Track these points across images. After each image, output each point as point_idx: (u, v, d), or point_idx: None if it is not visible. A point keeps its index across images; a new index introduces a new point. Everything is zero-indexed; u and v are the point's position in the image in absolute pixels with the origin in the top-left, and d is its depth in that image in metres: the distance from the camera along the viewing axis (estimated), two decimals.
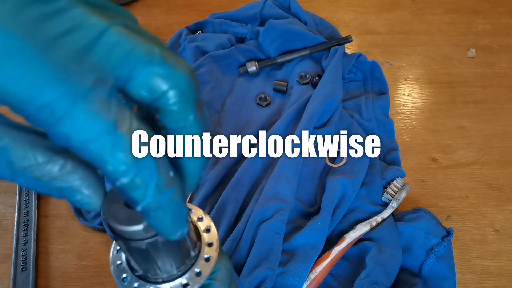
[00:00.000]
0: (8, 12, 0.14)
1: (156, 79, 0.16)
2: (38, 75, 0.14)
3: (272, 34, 0.61)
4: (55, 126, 0.15)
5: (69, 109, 0.14)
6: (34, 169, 0.16)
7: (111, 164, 0.15)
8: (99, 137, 0.15)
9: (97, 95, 0.15)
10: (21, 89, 0.14)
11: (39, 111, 0.14)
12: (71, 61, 0.15)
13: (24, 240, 0.47)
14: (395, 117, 0.58)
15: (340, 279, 0.44)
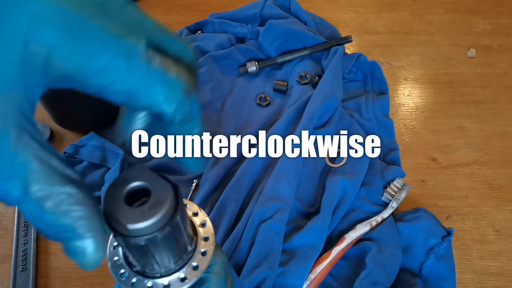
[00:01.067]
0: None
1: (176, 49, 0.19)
2: (89, 39, 0.15)
3: (272, 34, 0.61)
4: (117, 85, 0.16)
5: (124, 67, 0.16)
6: (43, 193, 0.15)
7: (174, 102, 0.18)
8: (157, 84, 0.17)
9: (141, 48, 0.17)
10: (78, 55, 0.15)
11: (98, 75, 0.16)
12: (112, 25, 0.16)
13: (24, 240, 0.47)
14: (395, 117, 0.58)
15: (340, 279, 0.44)
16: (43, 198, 0.15)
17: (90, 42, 0.15)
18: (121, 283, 0.22)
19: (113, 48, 0.16)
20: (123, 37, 0.16)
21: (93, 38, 0.15)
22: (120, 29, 0.16)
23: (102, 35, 0.16)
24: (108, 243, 0.23)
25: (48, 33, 0.15)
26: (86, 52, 0.15)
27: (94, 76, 0.16)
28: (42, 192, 0.15)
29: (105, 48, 0.16)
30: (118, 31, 0.16)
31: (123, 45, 0.16)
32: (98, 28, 0.16)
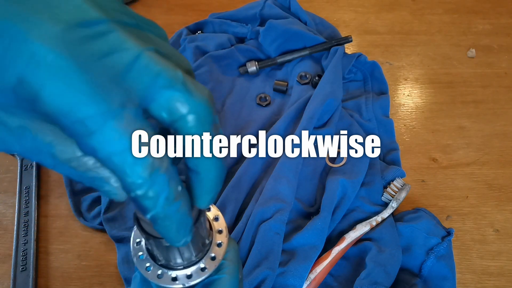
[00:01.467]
0: (58, 33, 0.16)
1: (175, 103, 0.18)
2: (78, 92, 0.16)
3: (272, 34, 0.61)
4: (85, 139, 0.16)
5: (100, 126, 0.16)
6: (72, 161, 0.19)
7: (130, 177, 0.17)
8: (123, 153, 0.17)
9: (126, 114, 0.17)
10: (61, 104, 0.16)
11: (74, 124, 0.16)
12: (107, 81, 0.17)
13: (24, 240, 0.47)
14: (395, 117, 0.58)
15: (340, 279, 0.44)
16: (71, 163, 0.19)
17: (74, 95, 0.16)
18: (147, 276, 0.24)
19: (95, 106, 0.16)
20: (110, 98, 0.16)
21: (78, 91, 0.16)
22: (114, 89, 0.17)
23: (88, 91, 0.16)
24: (131, 240, 0.26)
25: (38, 76, 0.16)
26: (67, 103, 0.16)
27: (70, 124, 0.16)
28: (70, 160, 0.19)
29: (87, 104, 0.16)
30: (109, 90, 0.16)
31: (106, 106, 0.16)
32: (86, 82, 0.16)
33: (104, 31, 0.17)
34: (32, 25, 0.16)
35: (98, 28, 0.17)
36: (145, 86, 0.17)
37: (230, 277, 0.25)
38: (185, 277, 0.24)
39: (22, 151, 0.19)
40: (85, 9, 0.17)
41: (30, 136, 0.18)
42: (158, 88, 0.17)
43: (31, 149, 0.19)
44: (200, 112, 0.18)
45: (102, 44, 0.17)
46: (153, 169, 0.18)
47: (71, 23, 0.16)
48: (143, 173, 0.17)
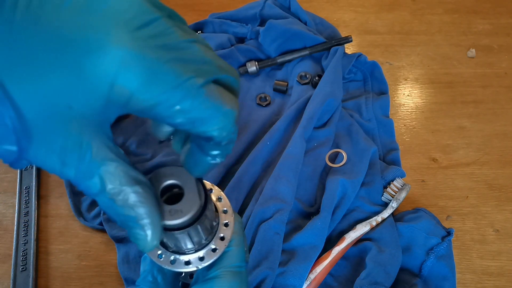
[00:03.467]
0: (133, 36, 0.18)
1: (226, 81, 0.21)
2: (167, 83, 0.18)
3: (272, 34, 0.61)
4: (182, 118, 0.19)
5: (190, 104, 0.19)
6: (116, 190, 0.20)
7: (225, 130, 0.21)
8: (215, 116, 0.20)
9: (204, 87, 0.20)
10: (155, 96, 0.18)
11: (168, 110, 0.19)
12: (180, 66, 0.19)
13: (24, 240, 0.47)
14: (395, 117, 0.58)
15: (340, 279, 0.44)
16: (115, 194, 0.20)
17: (164, 86, 0.18)
18: (160, 263, 0.25)
19: (182, 90, 0.19)
20: (190, 79, 0.19)
21: (166, 82, 0.18)
22: (188, 71, 0.19)
23: (174, 79, 0.19)
24: None
25: (131, 79, 0.18)
26: (160, 94, 0.18)
27: (164, 111, 0.19)
28: (115, 190, 0.20)
29: (176, 90, 0.19)
30: (186, 73, 0.19)
31: (190, 86, 0.19)
32: (171, 72, 0.19)
33: (162, 28, 0.19)
34: (106, 34, 0.18)
35: (157, 26, 0.19)
36: (204, 70, 0.20)
37: (238, 248, 0.27)
38: (198, 259, 0.25)
39: (75, 175, 0.19)
40: (144, 10, 0.19)
41: (90, 156, 0.19)
42: (214, 71, 0.20)
43: (85, 171, 0.19)
44: (237, 92, 0.22)
45: (165, 39, 0.19)
46: (237, 119, 0.22)
47: (137, 24, 0.18)
48: (233, 125, 0.21)
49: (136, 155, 0.53)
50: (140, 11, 0.19)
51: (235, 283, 0.26)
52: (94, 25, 0.18)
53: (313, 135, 0.53)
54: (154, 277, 0.27)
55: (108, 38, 0.17)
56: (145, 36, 0.18)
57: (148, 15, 0.19)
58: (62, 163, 0.19)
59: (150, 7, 0.19)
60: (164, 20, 0.19)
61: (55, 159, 0.19)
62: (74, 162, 0.19)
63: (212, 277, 0.26)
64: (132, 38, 0.18)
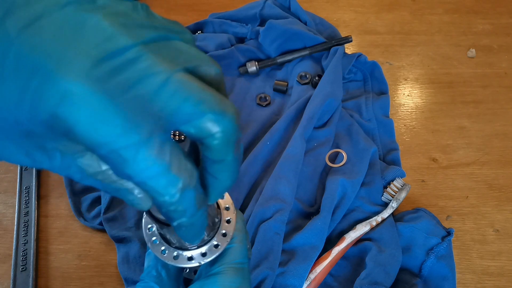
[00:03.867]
0: (88, 69, 0.16)
1: (207, 123, 0.18)
2: (111, 125, 0.17)
3: (272, 34, 0.61)
4: (120, 167, 0.17)
5: (133, 155, 0.17)
6: (98, 174, 0.20)
7: (163, 197, 0.18)
8: (156, 177, 0.18)
9: (156, 141, 0.17)
10: (95, 137, 0.17)
11: (108, 154, 0.17)
12: (137, 110, 0.17)
13: (24, 240, 0.47)
14: (395, 117, 0.58)
15: (340, 279, 0.44)
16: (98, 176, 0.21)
17: (108, 128, 0.17)
18: (164, 258, 0.26)
19: (128, 137, 0.17)
20: (141, 128, 0.17)
21: (112, 125, 0.17)
22: (145, 118, 0.17)
23: (121, 123, 0.17)
24: (143, 227, 0.27)
25: (71, 113, 0.16)
26: (102, 136, 0.17)
27: (104, 154, 0.17)
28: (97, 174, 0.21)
29: (120, 136, 0.17)
30: (140, 120, 0.17)
31: (138, 136, 0.17)
32: (119, 115, 0.17)
33: (132, 57, 0.17)
34: (63, 61, 0.16)
35: (127, 56, 0.17)
36: (174, 110, 0.18)
37: (240, 244, 0.27)
38: (200, 255, 0.26)
39: (51, 168, 0.20)
40: (113, 37, 0.17)
41: (59, 155, 0.20)
42: (187, 111, 0.18)
43: (60, 166, 0.20)
44: (228, 131, 0.19)
45: (131, 73, 0.17)
46: (184, 189, 0.19)
47: (101, 56, 0.17)
48: (176, 193, 0.19)
49: None
50: (108, 37, 0.17)
51: (237, 279, 0.26)
52: (54, 51, 0.17)
53: (313, 135, 0.53)
54: (158, 272, 0.27)
55: (61, 66, 0.16)
56: (106, 69, 0.17)
57: (116, 41, 0.17)
58: (32, 161, 0.20)
59: (123, 32, 0.17)
60: (140, 48, 0.17)
61: (24, 158, 0.20)
62: (46, 161, 0.20)
63: (215, 273, 0.26)
64: (88, 69, 0.16)
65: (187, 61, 0.19)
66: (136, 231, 0.47)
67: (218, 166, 0.20)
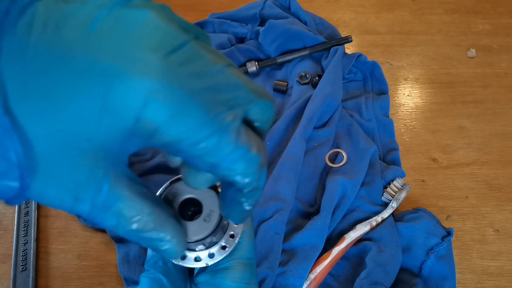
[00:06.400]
0: (158, 65, 0.16)
1: (261, 111, 0.20)
2: (193, 118, 0.17)
3: (272, 34, 0.61)
4: (205, 157, 0.18)
5: (216, 144, 0.18)
6: (136, 218, 0.19)
7: (248, 176, 0.19)
8: (239, 160, 0.19)
9: (233, 126, 0.18)
10: (179, 132, 0.17)
11: (192, 147, 0.17)
12: (210, 100, 0.17)
13: (24, 240, 0.47)
14: (395, 117, 0.58)
15: (340, 279, 0.44)
16: (135, 222, 0.19)
17: (191, 121, 0.17)
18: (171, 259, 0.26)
19: (210, 127, 0.17)
20: (219, 116, 0.18)
21: (194, 117, 0.17)
22: (219, 105, 0.18)
23: (202, 114, 0.17)
24: None
25: (158, 113, 0.16)
26: (186, 130, 0.17)
27: (188, 148, 0.17)
28: (135, 218, 0.19)
29: (203, 126, 0.17)
30: (217, 107, 0.18)
31: (218, 124, 0.17)
32: (201, 107, 0.17)
33: (192, 52, 0.17)
34: (133, 62, 0.16)
35: (188, 50, 0.17)
36: (239, 99, 0.19)
37: (249, 240, 0.27)
38: (208, 256, 0.26)
39: (92, 207, 0.18)
40: (171, 33, 0.17)
41: (107, 187, 0.18)
42: (248, 101, 0.19)
43: (102, 203, 0.18)
44: (271, 116, 0.21)
45: (196, 66, 0.17)
46: (263, 166, 0.20)
47: (167, 51, 0.17)
48: (257, 172, 0.20)
49: (136, 155, 0.53)
50: (168, 35, 0.17)
51: (247, 274, 0.26)
52: (119, 52, 0.16)
53: (313, 135, 0.53)
54: (164, 263, 0.27)
55: (134, 66, 0.16)
56: (174, 63, 0.17)
57: (176, 39, 0.17)
58: (75, 198, 0.17)
59: (178, 30, 0.17)
60: (193, 43, 0.18)
61: (67, 195, 0.17)
62: (90, 196, 0.17)
63: (224, 268, 0.26)
64: (160, 66, 0.16)
65: (224, 59, 0.20)
66: None
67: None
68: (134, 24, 0.16)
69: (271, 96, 0.21)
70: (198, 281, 0.27)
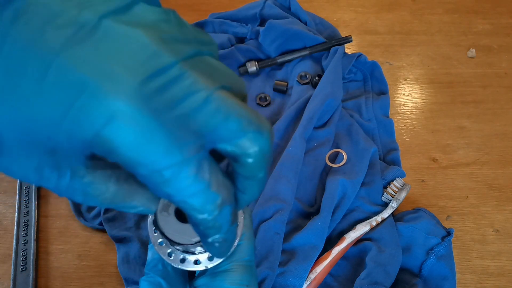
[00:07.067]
0: (136, 88, 0.16)
1: (246, 142, 0.18)
2: (156, 146, 0.16)
3: (272, 34, 0.61)
4: (161, 186, 0.17)
5: (176, 175, 0.17)
6: (103, 195, 0.20)
7: (202, 213, 0.19)
8: (196, 195, 0.18)
9: (198, 160, 0.17)
10: (139, 157, 0.16)
11: (150, 174, 0.17)
12: (180, 128, 0.17)
13: (24, 240, 0.47)
14: (395, 117, 0.58)
15: (340, 279, 0.44)
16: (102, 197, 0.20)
17: (152, 149, 0.16)
18: (170, 261, 0.26)
19: (171, 157, 0.17)
20: (184, 147, 0.17)
21: (156, 145, 0.16)
22: (186, 136, 0.17)
23: (165, 144, 0.16)
24: (149, 229, 0.27)
25: (118, 134, 0.16)
26: (145, 156, 0.16)
27: (145, 173, 0.17)
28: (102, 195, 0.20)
29: (164, 156, 0.17)
30: (183, 138, 0.17)
31: (180, 155, 0.17)
32: (164, 136, 0.16)
33: (176, 75, 0.17)
34: (110, 79, 0.16)
35: (171, 74, 0.17)
36: (216, 127, 0.18)
37: (248, 241, 0.27)
38: (207, 259, 0.26)
39: (56, 187, 0.19)
40: (158, 54, 0.17)
41: (70, 175, 0.19)
42: (228, 129, 0.18)
43: (66, 186, 0.19)
44: (264, 150, 0.19)
45: (175, 91, 0.17)
46: (222, 205, 0.19)
47: (147, 73, 0.16)
48: (215, 210, 0.19)
49: None
50: (153, 56, 0.16)
51: (246, 276, 0.26)
52: (98, 65, 0.16)
53: (313, 135, 0.53)
54: (164, 266, 0.27)
55: (107, 84, 0.16)
56: (151, 87, 0.16)
57: (161, 59, 0.17)
58: (39, 177, 0.18)
59: (165, 49, 0.17)
60: (181, 65, 0.17)
61: (31, 174, 0.18)
62: (54, 179, 0.19)
63: (223, 270, 0.26)
64: (135, 89, 0.16)
65: (222, 78, 0.19)
66: (136, 231, 0.47)
67: (248, 182, 0.20)
68: (122, 41, 0.16)
69: (268, 126, 0.19)
70: (198, 284, 0.26)
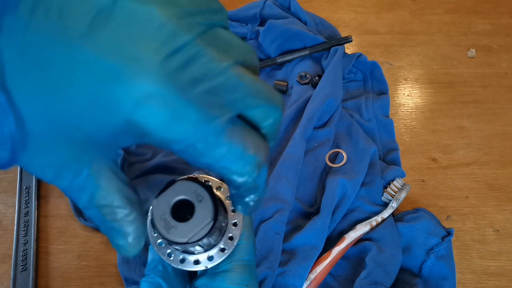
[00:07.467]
0: (158, 67, 0.16)
1: (263, 114, 0.20)
2: (187, 122, 0.17)
3: (272, 34, 0.61)
4: (199, 158, 0.18)
5: (209, 146, 0.18)
6: (106, 208, 0.20)
7: (243, 176, 0.19)
8: (234, 161, 0.19)
9: (227, 128, 0.18)
10: (173, 134, 0.17)
11: (186, 148, 0.17)
12: (205, 102, 0.17)
13: (24, 240, 0.47)
14: (395, 117, 0.58)
15: (340, 279, 0.44)
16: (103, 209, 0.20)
17: (184, 125, 0.17)
18: (170, 261, 0.26)
19: (203, 130, 0.17)
20: (213, 119, 0.17)
21: (187, 121, 0.17)
22: (213, 109, 0.17)
23: (195, 119, 0.17)
24: (147, 227, 0.26)
25: (149, 116, 0.16)
26: (178, 133, 0.17)
27: (181, 149, 0.18)
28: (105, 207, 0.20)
29: (196, 130, 0.17)
30: (211, 111, 0.17)
31: (212, 127, 0.17)
32: (193, 111, 0.17)
33: (194, 52, 0.17)
34: (133, 63, 0.16)
35: (189, 51, 0.17)
36: (233, 102, 0.18)
37: (248, 241, 0.27)
38: (207, 259, 0.26)
39: (69, 184, 0.19)
40: (175, 32, 0.17)
41: (87, 172, 0.19)
42: (245, 104, 0.19)
43: (78, 185, 0.19)
44: (276, 117, 0.20)
45: (196, 68, 0.17)
46: (260, 166, 0.20)
47: (167, 53, 0.16)
48: (253, 171, 0.19)
49: (136, 155, 0.53)
50: (171, 33, 0.16)
51: (246, 276, 0.26)
52: (120, 50, 0.16)
53: (313, 135, 0.53)
54: (164, 267, 0.27)
55: (132, 68, 0.16)
56: (173, 66, 0.16)
57: (179, 37, 0.17)
58: (55, 175, 0.19)
59: (182, 26, 0.17)
60: (198, 41, 0.17)
61: (49, 171, 0.18)
62: (69, 176, 0.19)
63: (223, 270, 0.26)
64: (159, 69, 0.16)
65: (235, 52, 0.19)
66: None
67: None
68: (139, 21, 0.16)
69: (279, 98, 0.20)
70: (198, 284, 0.26)
